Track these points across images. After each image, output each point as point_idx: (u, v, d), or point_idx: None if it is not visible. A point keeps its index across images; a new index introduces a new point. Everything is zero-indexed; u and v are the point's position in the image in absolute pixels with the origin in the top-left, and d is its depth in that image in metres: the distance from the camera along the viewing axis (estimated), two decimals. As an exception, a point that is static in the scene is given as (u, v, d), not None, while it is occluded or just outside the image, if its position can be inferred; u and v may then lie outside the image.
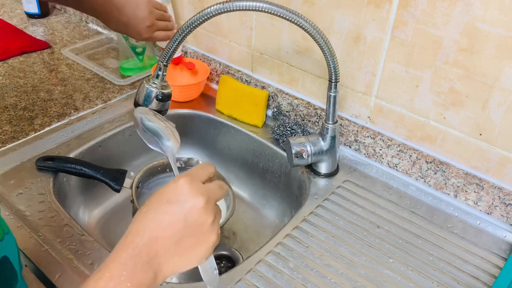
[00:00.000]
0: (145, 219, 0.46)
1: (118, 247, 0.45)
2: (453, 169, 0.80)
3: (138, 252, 0.44)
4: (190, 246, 0.47)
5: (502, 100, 0.72)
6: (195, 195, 0.47)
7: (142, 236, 0.45)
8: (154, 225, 0.46)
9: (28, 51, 1.22)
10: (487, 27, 0.69)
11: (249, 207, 1.01)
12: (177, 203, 0.47)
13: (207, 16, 0.69)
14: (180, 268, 0.48)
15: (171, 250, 0.46)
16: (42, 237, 0.72)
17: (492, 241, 0.76)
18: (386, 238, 0.75)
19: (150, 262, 0.45)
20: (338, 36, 0.86)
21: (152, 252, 0.45)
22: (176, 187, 0.47)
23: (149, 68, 1.17)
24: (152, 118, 0.59)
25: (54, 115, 0.99)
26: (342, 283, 0.68)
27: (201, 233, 0.48)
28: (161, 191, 0.48)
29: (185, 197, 0.47)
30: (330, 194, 0.83)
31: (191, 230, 0.47)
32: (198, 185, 0.48)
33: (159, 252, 0.45)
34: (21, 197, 0.79)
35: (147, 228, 0.46)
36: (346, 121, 0.91)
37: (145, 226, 0.46)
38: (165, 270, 0.46)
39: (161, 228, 0.46)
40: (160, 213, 0.46)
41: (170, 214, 0.46)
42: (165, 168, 0.90)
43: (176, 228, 0.46)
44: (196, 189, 0.47)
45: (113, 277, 0.43)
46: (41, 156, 0.85)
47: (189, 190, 0.47)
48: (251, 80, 1.03)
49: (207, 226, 0.48)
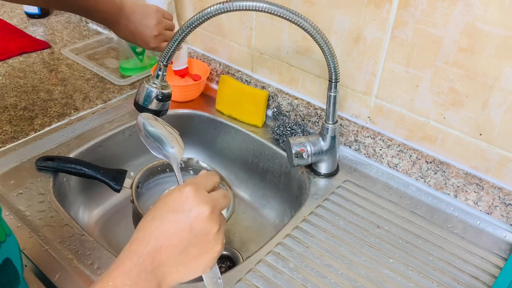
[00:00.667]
0: (150, 228, 0.46)
1: (122, 255, 0.45)
2: (453, 169, 0.80)
3: (142, 261, 0.44)
4: (195, 255, 0.47)
5: (502, 100, 0.72)
6: (201, 204, 0.46)
7: (147, 245, 0.45)
8: (159, 234, 0.45)
9: (28, 51, 1.22)
10: (487, 27, 0.69)
11: (249, 207, 1.01)
12: (182, 212, 0.46)
13: (207, 16, 0.69)
14: (184, 277, 0.47)
15: (176, 259, 0.46)
16: (42, 237, 0.72)
17: (492, 241, 0.76)
18: (386, 238, 0.75)
19: (154, 272, 0.45)
20: (338, 36, 0.86)
21: (156, 262, 0.45)
22: (181, 196, 0.47)
23: (149, 68, 1.17)
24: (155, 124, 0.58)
25: (54, 115, 0.99)
26: (342, 283, 0.68)
27: (206, 242, 0.47)
28: (165, 199, 0.47)
29: (190, 206, 0.46)
30: (330, 194, 0.83)
31: (196, 240, 0.46)
32: (204, 194, 0.48)
33: (164, 262, 0.45)
34: (21, 197, 0.79)
35: (152, 237, 0.45)
36: (346, 121, 0.91)
37: (150, 235, 0.45)
38: (169, 279, 0.46)
39: (166, 237, 0.45)
40: (165, 222, 0.46)
41: (175, 223, 0.46)
42: (165, 168, 0.90)
43: (181, 237, 0.46)
44: (201, 198, 0.47)
45: (116, 286, 0.42)
46: (41, 156, 0.85)
47: (195, 199, 0.46)
48: (251, 80, 1.03)
49: (212, 235, 0.47)
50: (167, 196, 0.48)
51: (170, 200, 0.47)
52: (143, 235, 0.46)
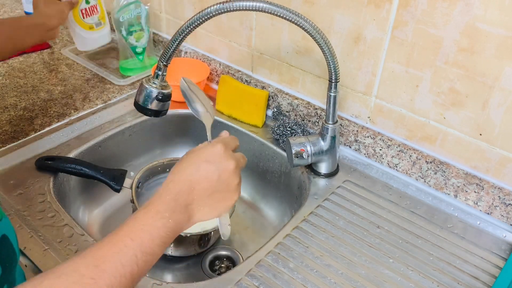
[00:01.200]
0: (185, 173, 0.56)
1: (160, 191, 0.54)
2: (453, 169, 0.80)
3: (179, 197, 0.54)
4: (218, 199, 0.57)
5: (502, 100, 0.72)
6: (228, 159, 0.58)
7: (183, 185, 0.55)
8: (193, 178, 0.55)
9: (28, 51, 1.22)
10: (487, 27, 0.69)
11: (249, 207, 1.01)
12: (214, 163, 0.57)
13: (207, 16, 0.69)
14: (207, 216, 0.57)
15: (204, 200, 0.56)
16: (42, 237, 0.72)
17: (492, 241, 0.76)
18: (386, 238, 0.75)
19: (187, 207, 0.54)
20: (338, 36, 0.86)
21: (189, 199, 0.55)
22: (213, 150, 0.58)
23: (149, 68, 1.17)
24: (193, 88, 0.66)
25: (54, 115, 0.99)
26: (342, 283, 0.68)
27: (228, 191, 0.58)
28: (199, 152, 0.58)
29: (221, 159, 0.57)
30: (330, 194, 0.83)
31: (221, 187, 0.57)
32: (230, 152, 0.59)
33: (194, 201, 0.55)
34: (21, 197, 0.79)
35: (187, 180, 0.55)
36: (346, 121, 0.91)
37: (185, 177, 0.55)
38: (197, 215, 0.56)
39: (199, 181, 0.55)
40: (200, 169, 0.56)
41: (207, 171, 0.56)
42: (165, 168, 0.90)
43: (210, 183, 0.56)
44: (229, 154, 0.58)
45: (158, 212, 0.52)
46: (41, 156, 0.85)
47: (224, 154, 0.57)
48: (251, 80, 1.03)
49: (234, 186, 0.58)
50: (201, 150, 0.58)
51: (204, 153, 0.58)
52: (179, 178, 0.56)
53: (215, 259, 0.89)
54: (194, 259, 0.87)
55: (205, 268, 0.86)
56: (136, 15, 1.09)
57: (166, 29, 1.21)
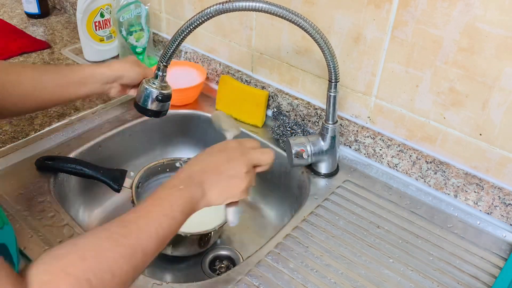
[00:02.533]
0: (199, 159, 0.64)
1: (177, 172, 0.61)
2: (453, 169, 0.80)
3: (192, 175, 0.61)
4: (227, 184, 0.62)
5: (502, 100, 0.72)
6: (237, 149, 0.65)
7: (196, 166, 0.62)
8: (204, 162, 0.63)
9: (28, 51, 1.22)
10: (487, 27, 0.69)
11: (249, 207, 1.01)
12: (224, 151, 0.65)
13: (207, 16, 0.69)
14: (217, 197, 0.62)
15: (214, 182, 0.61)
16: (42, 237, 0.72)
17: (492, 241, 0.76)
18: (386, 238, 0.75)
19: (200, 185, 0.60)
20: (338, 36, 0.86)
21: (202, 178, 0.61)
22: (226, 143, 0.67)
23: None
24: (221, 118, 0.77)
25: (54, 115, 0.99)
26: (342, 283, 0.68)
27: (236, 177, 0.63)
28: (213, 146, 0.66)
29: (232, 149, 0.65)
30: (330, 194, 0.83)
31: (230, 172, 0.62)
32: (243, 146, 0.66)
33: (206, 181, 0.61)
34: (21, 197, 0.79)
35: (199, 163, 0.63)
36: (346, 121, 0.91)
37: (198, 162, 0.64)
38: (208, 195, 0.61)
39: (209, 165, 0.63)
40: (212, 156, 0.64)
41: (217, 157, 0.64)
42: (165, 168, 0.90)
43: (219, 167, 0.62)
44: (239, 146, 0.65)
45: (174, 186, 0.59)
46: (41, 156, 0.85)
47: (235, 146, 0.65)
48: (251, 80, 1.03)
49: (242, 174, 0.63)
50: (216, 145, 0.66)
51: (217, 146, 0.66)
52: (193, 162, 0.64)
53: (215, 259, 0.89)
54: (194, 259, 0.87)
55: (205, 268, 0.86)
56: (136, 15, 1.09)
57: (166, 29, 1.21)
